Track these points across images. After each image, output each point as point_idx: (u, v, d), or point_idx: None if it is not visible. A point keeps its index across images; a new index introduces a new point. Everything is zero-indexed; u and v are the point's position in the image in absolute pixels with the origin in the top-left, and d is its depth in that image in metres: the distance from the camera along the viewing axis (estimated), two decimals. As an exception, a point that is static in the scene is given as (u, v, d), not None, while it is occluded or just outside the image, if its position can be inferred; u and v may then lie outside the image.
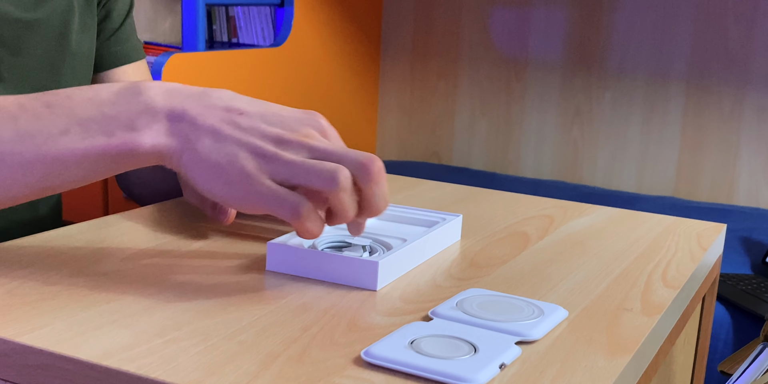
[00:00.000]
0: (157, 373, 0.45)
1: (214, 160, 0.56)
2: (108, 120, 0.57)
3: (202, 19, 2.00)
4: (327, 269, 0.61)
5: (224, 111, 0.58)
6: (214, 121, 0.57)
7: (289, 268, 0.62)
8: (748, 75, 2.39)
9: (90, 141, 0.57)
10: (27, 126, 0.57)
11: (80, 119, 0.57)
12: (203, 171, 0.57)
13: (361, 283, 0.60)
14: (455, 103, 2.79)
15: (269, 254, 0.62)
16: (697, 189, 2.51)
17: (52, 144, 0.57)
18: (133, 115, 0.57)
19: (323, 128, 0.59)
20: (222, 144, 0.56)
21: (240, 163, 0.56)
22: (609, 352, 0.51)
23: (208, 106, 0.58)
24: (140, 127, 0.57)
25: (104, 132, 0.57)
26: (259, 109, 0.59)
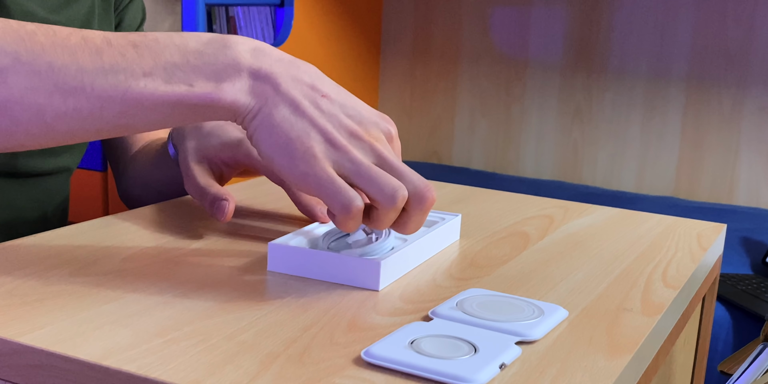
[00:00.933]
0: (157, 373, 0.45)
1: (285, 130, 0.56)
2: (193, 69, 0.56)
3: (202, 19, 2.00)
4: (328, 269, 0.61)
5: (309, 88, 0.58)
6: (297, 94, 0.57)
7: (290, 269, 0.62)
8: (748, 75, 2.39)
9: (171, 87, 0.56)
10: (111, 61, 0.56)
11: (165, 64, 0.56)
12: (271, 138, 0.57)
13: (363, 284, 0.60)
14: (455, 103, 2.79)
15: (270, 255, 0.62)
16: (697, 189, 2.51)
17: (133, 83, 0.56)
18: (219, 67, 0.57)
19: (392, 136, 0.60)
20: (298, 118, 0.57)
21: (309, 143, 0.56)
22: (609, 352, 0.51)
23: (295, 77, 0.58)
24: (223, 81, 0.57)
25: (187, 80, 0.56)
26: (341, 99, 0.59)
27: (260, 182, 0.91)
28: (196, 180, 0.72)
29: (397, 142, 0.61)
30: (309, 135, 0.56)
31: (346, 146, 0.57)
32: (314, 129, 0.56)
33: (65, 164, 0.89)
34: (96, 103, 0.56)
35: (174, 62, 0.57)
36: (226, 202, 0.69)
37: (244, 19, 2.86)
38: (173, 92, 0.56)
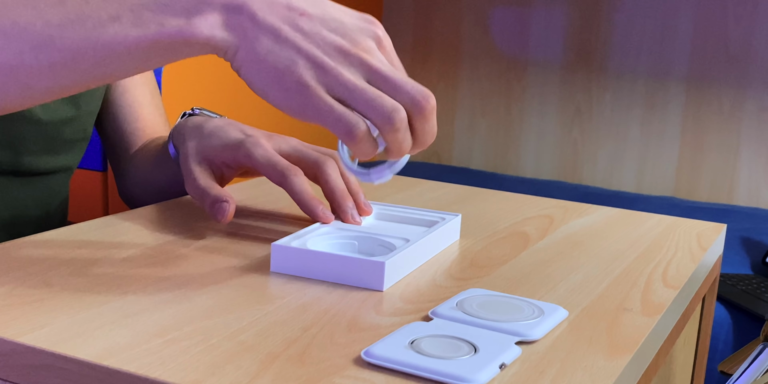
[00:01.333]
0: (157, 373, 0.45)
1: (272, 63, 0.55)
2: (160, 7, 0.54)
3: (202, 19, 1.99)
4: (332, 270, 0.60)
5: (286, 9, 0.56)
6: (275, 20, 0.55)
7: (293, 270, 0.62)
8: (748, 75, 2.39)
9: (142, 29, 0.54)
10: (76, 10, 0.54)
11: (132, 5, 0.54)
12: (259, 73, 0.55)
13: (367, 284, 0.60)
14: (455, 103, 2.79)
15: (273, 256, 0.62)
16: (697, 189, 2.51)
17: (102, 30, 0.54)
18: (189, 3, 0.55)
19: (380, 39, 0.57)
20: (281, 46, 0.55)
21: (298, 72, 0.54)
22: (609, 352, 0.51)
23: (269, 1, 0.56)
24: (195, 16, 0.55)
25: (157, 20, 0.54)
26: (320, 12, 0.57)
27: (260, 182, 0.91)
28: (197, 181, 0.72)
29: (388, 42, 0.58)
30: (297, 63, 0.54)
31: (335, 69, 0.55)
32: (300, 55, 0.55)
33: (66, 163, 0.89)
34: (68, 55, 0.55)
35: (141, 2, 0.54)
36: (226, 203, 0.69)
37: (244, 19, 2.86)
38: (144, 35, 0.54)
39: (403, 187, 0.92)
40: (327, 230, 0.68)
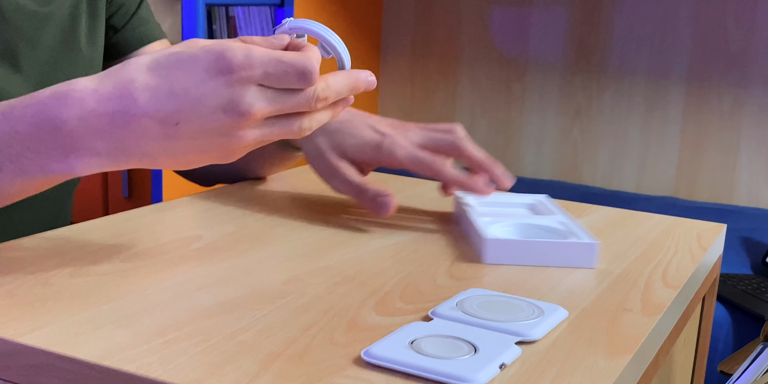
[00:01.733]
0: (157, 373, 0.45)
1: (189, 161, 0.57)
2: (37, 156, 0.56)
3: (202, 19, 2.00)
4: (546, 255, 0.66)
5: (159, 126, 0.54)
6: (158, 147, 0.55)
7: (509, 259, 0.66)
8: (748, 75, 2.39)
9: (27, 176, 0.57)
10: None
11: (9, 156, 0.56)
12: (186, 165, 0.58)
13: (580, 263, 0.66)
14: (455, 103, 2.79)
15: (489, 248, 0.66)
16: (697, 189, 2.51)
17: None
18: (64, 150, 0.55)
19: (236, 68, 0.54)
20: (183, 154, 0.56)
21: (217, 156, 0.57)
22: (609, 352, 0.51)
23: (142, 132, 0.55)
24: (72, 160, 0.56)
25: (39, 166, 0.56)
26: (182, 105, 0.54)
27: (260, 182, 0.91)
28: (349, 178, 0.76)
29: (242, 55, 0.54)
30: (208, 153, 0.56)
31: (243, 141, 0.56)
32: (208, 149, 0.56)
33: None
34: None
35: (17, 153, 0.56)
36: (389, 197, 0.74)
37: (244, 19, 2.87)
38: (30, 179, 0.57)
39: (403, 187, 0.92)
40: (488, 221, 0.72)
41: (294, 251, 0.67)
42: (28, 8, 0.79)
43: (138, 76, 0.54)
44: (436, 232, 0.75)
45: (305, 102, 0.56)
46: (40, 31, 0.81)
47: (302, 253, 0.67)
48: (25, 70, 0.80)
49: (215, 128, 0.54)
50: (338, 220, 0.77)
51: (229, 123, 0.54)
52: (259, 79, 0.54)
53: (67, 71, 0.85)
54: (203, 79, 0.53)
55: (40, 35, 0.81)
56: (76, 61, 0.86)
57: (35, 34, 0.81)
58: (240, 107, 0.54)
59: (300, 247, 0.68)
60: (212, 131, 0.55)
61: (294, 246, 0.69)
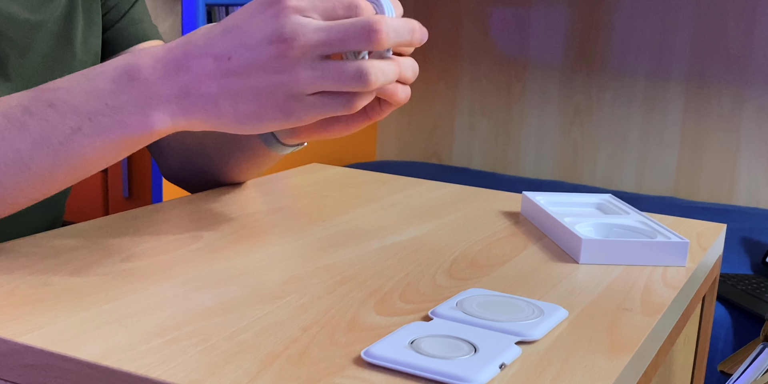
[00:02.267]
0: (157, 373, 0.45)
1: (250, 111, 0.57)
2: (115, 111, 0.57)
3: (202, 19, 2.00)
4: (639, 254, 0.68)
5: (214, 63, 0.56)
6: (217, 86, 0.56)
7: (603, 259, 0.68)
8: (748, 75, 2.39)
9: (105, 134, 0.57)
10: (39, 131, 0.58)
11: (88, 114, 0.57)
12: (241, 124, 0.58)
13: (672, 262, 0.68)
14: (455, 103, 2.79)
15: (584, 248, 0.68)
16: (697, 189, 2.51)
17: (69, 144, 0.58)
18: (139, 102, 0.57)
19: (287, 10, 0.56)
20: (241, 98, 0.56)
21: (274, 106, 0.56)
22: (609, 352, 0.51)
23: (201, 71, 0.57)
24: (151, 112, 0.57)
25: (116, 123, 0.57)
26: (233, 40, 0.56)
27: (259, 183, 0.91)
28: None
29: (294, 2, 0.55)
30: (265, 102, 0.56)
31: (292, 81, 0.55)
32: (260, 96, 0.56)
33: None
34: (44, 172, 0.59)
35: (95, 110, 0.57)
36: None
37: (244, 19, 2.86)
38: (109, 138, 0.58)
39: (403, 187, 0.92)
40: (570, 221, 0.74)
41: (294, 251, 0.67)
42: (20, 17, 0.79)
43: (203, 29, 0.58)
44: (436, 232, 0.75)
45: (359, 33, 0.55)
46: (31, 39, 0.81)
47: (302, 253, 0.67)
48: (15, 79, 0.80)
49: (265, 62, 0.55)
50: (338, 220, 0.77)
51: (275, 54, 0.55)
52: (305, 9, 0.55)
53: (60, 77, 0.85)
54: (252, 14, 0.56)
55: (31, 43, 0.81)
56: (70, 66, 0.85)
57: (26, 42, 0.80)
58: (284, 34, 0.54)
59: (300, 247, 0.68)
60: (263, 66, 0.55)
61: (294, 246, 0.69)
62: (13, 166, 0.59)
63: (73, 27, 0.85)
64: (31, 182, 0.59)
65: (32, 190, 0.60)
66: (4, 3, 0.78)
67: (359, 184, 0.92)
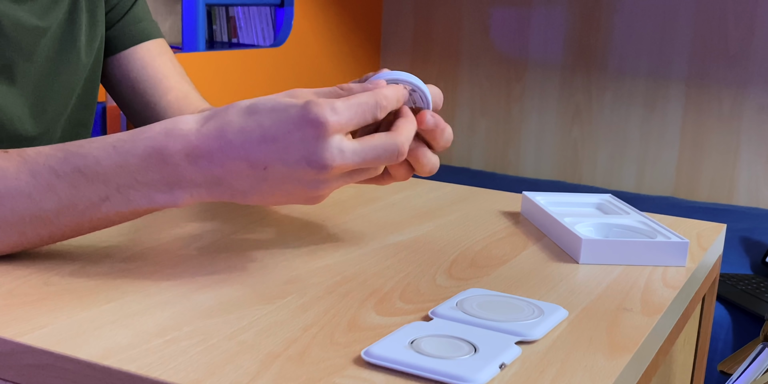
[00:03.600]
0: (157, 373, 0.45)
1: (276, 202, 0.60)
2: (145, 187, 0.59)
3: (202, 19, 2.00)
4: (639, 254, 0.68)
5: (249, 169, 0.58)
6: (249, 186, 0.59)
7: (603, 259, 0.68)
8: (748, 75, 2.39)
9: (133, 205, 0.59)
10: (67, 195, 0.59)
11: (118, 186, 0.59)
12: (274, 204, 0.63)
13: (671, 262, 0.68)
14: (455, 103, 2.79)
15: (584, 249, 0.68)
16: (697, 189, 2.51)
17: (94, 211, 0.60)
18: (169, 183, 0.59)
19: (324, 125, 0.57)
20: (271, 196, 0.59)
21: (301, 200, 0.60)
22: (609, 352, 0.51)
23: (235, 171, 0.58)
24: (179, 192, 0.59)
25: (144, 197, 0.59)
26: (270, 152, 0.57)
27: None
28: None
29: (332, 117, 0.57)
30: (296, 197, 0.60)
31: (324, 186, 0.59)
32: (292, 196, 0.59)
33: None
34: (65, 231, 0.61)
35: (125, 184, 0.59)
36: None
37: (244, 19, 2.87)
38: (136, 210, 0.60)
39: (403, 187, 0.92)
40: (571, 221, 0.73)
41: (294, 251, 0.67)
42: (29, 23, 0.79)
43: (236, 118, 0.58)
44: (436, 232, 0.75)
45: (390, 157, 0.59)
46: (36, 44, 0.81)
47: (302, 253, 0.67)
48: (21, 84, 0.80)
49: (300, 177, 0.57)
50: (338, 220, 0.77)
51: (312, 173, 0.57)
52: (345, 128, 0.57)
53: (64, 81, 0.85)
54: (291, 130, 0.57)
55: (36, 48, 0.81)
56: (74, 70, 0.86)
57: (32, 47, 0.81)
58: (323, 160, 0.56)
59: (300, 247, 0.68)
60: (297, 179, 0.58)
61: (294, 246, 0.69)
62: (38, 221, 0.60)
63: (77, 30, 0.85)
64: (52, 235, 0.61)
65: (52, 240, 0.62)
66: (11, 9, 0.78)
67: (359, 183, 0.92)
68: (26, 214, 0.59)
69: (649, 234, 0.71)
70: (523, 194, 0.83)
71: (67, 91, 0.86)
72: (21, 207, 0.59)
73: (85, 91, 0.90)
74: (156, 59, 0.95)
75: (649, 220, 0.74)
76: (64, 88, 0.86)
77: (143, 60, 0.94)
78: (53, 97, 0.85)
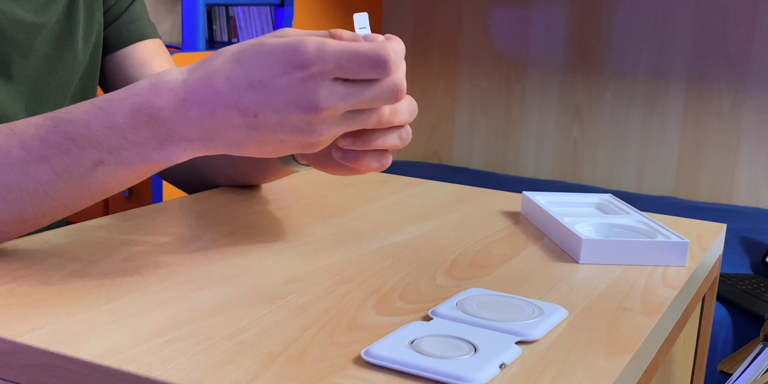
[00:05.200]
0: (157, 373, 0.45)
1: (273, 151, 0.58)
2: (137, 146, 0.57)
3: (202, 19, 2.00)
4: (639, 254, 0.68)
5: (240, 117, 0.56)
6: (242, 136, 0.57)
7: (603, 259, 0.68)
8: (748, 75, 2.39)
9: (128, 167, 0.58)
10: (60, 163, 0.58)
11: (110, 149, 0.58)
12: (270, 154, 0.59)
13: (672, 262, 0.68)
14: (455, 103, 2.79)
15: (584, 248, 0.67)
16: (697, 189, 2.51)
17: (91, 176, 0.58)
18: (161, 139, 0.57)
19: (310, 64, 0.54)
20: (266, 145, 0.57)
21: (298, 147, 0.57)
22: (609, 352, 0.51)
23: (226, 122, 0.56)
24: (173, 148, 0.58)
25: (138, 156, 0.58)
26: (259, 98, 0.55)
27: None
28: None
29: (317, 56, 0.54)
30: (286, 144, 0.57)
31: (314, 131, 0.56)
32: (284, 143, 0.57)
33: None
34: (66, 200, 0.60)
35: (117, 145, 0.57)
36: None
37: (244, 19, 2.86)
38: (131, 170, 0.58)
39: (403, 187, 0.92)
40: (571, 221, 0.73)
41: (294, 251, 0.67)
42: (25, 20, 0.79)
43: (222, 66, 0.56)
44: (436, 232, 0.75)
45: (386, 95, 0.56)
46: (33, 41, 0.81)
47: (302, 253, 0.67)
48: (18, 80, 0.80)
49: (292, 122, 0.55)
50: (338, 220, 0.77)
51: (303, 118, 0.55)
52: (333, 73, 0.54)
53: (60, 78, 0.85)
54: (277, 74, 0.54)
55: (33, 44, 0.81)
56: (70, 67, 0.86)
57: (29, 43, 0.81)
58: (312, 103, 0.54)
59: (300, 247, 0.68)
60: (290, 125, 0.55)
61: (294, 246, 0.69)
62: (35, 195, 0.59)
63: (74, 27, 0.85)
64: (53, 208, 0.60)
65: (55, 215, 0.61)
66: (8, 6, 0.78)
67: (359, 183, 0.92)
68: (23, 188, 0.58)
69: (649, 234, 0.71)
70: (523, 194, 0.83)
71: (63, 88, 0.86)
72: (16, 182, 0.58)
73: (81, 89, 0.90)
74: (153, 59, 0.95)
75: (649, 220, 0.74)
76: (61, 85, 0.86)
77: (141, 59, 0.94)
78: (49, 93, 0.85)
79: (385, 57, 0.54)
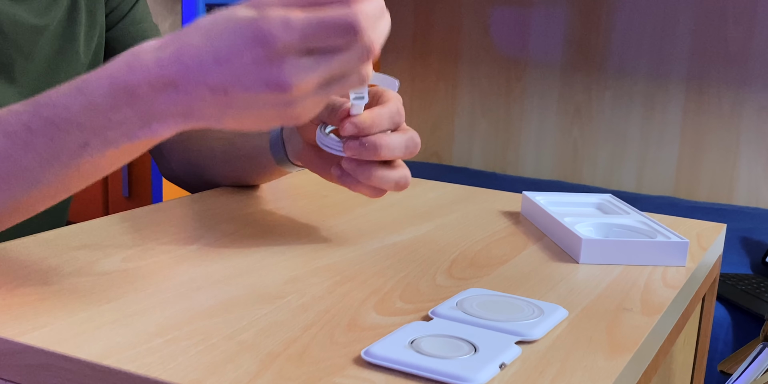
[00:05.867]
0: (157, 373, 0.45)
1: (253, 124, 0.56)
2: (120, 124, 0.56)
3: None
4: (639, 254, 0.68)
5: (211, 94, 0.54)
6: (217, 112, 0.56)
7: (604, 259, 0.68)
8: (748, 75, 2.39)
9: (114, 146, 0.57)
10: (46, 149, 0.57)
11: (93, 130, 0.57)
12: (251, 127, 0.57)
13: (672, 262, 0.68)
14: (455, 103, 2.79)
15: (584, 248, 0.67)
16: (697, 189, 2.51)
17: (78, 159, 0.58)
18: (143, 116, 0.56)
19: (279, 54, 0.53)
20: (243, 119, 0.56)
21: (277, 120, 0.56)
22: (609, 352, 0.51)
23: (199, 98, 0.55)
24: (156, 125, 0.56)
25: (123, 134, 0.57)
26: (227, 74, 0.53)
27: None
28: None
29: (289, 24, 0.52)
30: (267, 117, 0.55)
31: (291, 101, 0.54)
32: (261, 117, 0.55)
33: None
34: (57, 184, 0.59)
35: (100, 125, 0.56)
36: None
37: (244, 19, 2.86)
38: (118, 149, 0.57)
39: (403, 187, 0.92)
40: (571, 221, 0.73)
41: (294, 251, 0.67)
42: (27, 22, 0.79)
43: (192, 40, 0.54)
44: (436, 232, 0.75)
45: (356, 59, 0.54)
46: (35, 43, 0.81)
47: (302, 253, 0.67)
48: (20, 82, 0.80)
49: (264, 100, 0.54)
50: (338, 220, 0.77)
51: (276, 96, 0.53)
52: (299, 46, 0.52)
53: (62, 80, 0.85)
54: (241, 49, 0.52)
55: (35, 47, 0.81)
56: (73, 69, 0.86)
57: (31, 46, 0.81)
58: (281, 82, 0.52)
59: (300, 247, 0.68)
60: (263, 102, 0.54)
61: (294, 246, 0.69)
62: (25, 182, 0.59)
63: (76, 29, 0.85)
64: (44, 193, 0.60)
65: (47, 199, 0.61)
66: (10, 8, 0.78)
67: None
68: (11, 176, 0.58)
69: (649, 234, 0.71)
70: (523, 194, 0.83)
71: None
72: (4, 170, 0.58)
73: None
74: None
75: (649, 220, 0.74)
76: None
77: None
78: None
79: (353, 23, 0.52)
